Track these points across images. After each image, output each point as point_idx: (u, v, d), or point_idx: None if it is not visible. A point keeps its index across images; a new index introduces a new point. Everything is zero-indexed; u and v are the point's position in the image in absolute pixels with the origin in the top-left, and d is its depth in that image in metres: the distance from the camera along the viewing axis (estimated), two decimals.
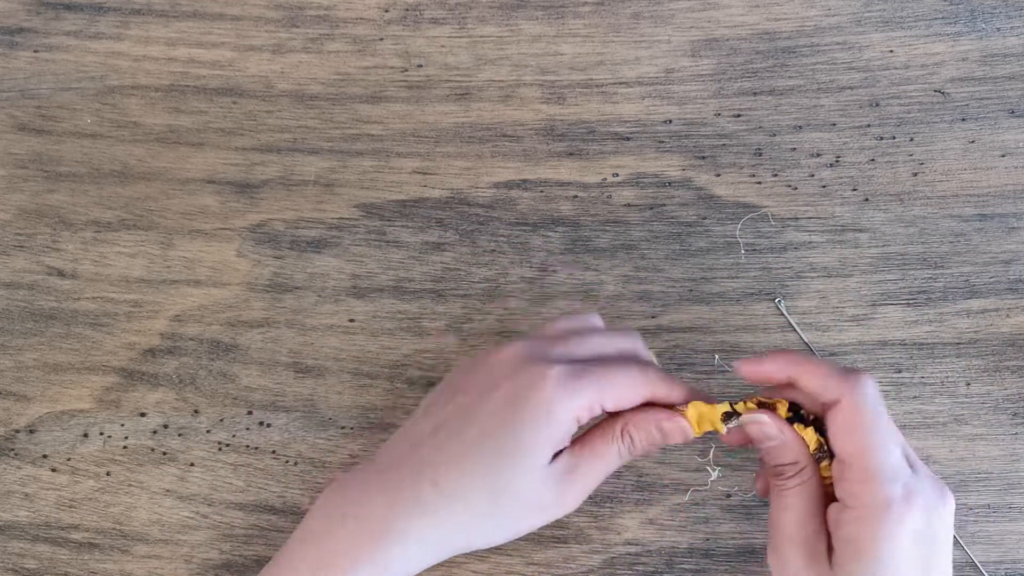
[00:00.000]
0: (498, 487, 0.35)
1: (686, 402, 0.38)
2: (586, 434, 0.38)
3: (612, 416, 0.38)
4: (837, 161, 0.51)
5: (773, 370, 0.37)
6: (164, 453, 0.47)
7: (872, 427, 0.34)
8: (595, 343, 0.39)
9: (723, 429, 0.38)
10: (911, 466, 0.35)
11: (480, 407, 0.36)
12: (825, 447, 0.37)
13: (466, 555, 0.44)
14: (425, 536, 0.35)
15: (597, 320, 0.42)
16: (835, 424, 0.35)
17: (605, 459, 0.37)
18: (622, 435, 0.37)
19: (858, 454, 0.34)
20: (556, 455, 0.37)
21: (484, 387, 0.37)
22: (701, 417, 0.38)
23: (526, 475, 0.35)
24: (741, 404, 0.38)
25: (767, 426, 0.36)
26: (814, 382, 0.36)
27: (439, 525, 0.35)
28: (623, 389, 0.37)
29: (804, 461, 0.36)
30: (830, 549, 0.35)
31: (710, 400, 0.38)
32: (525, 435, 0.35)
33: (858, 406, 0.34)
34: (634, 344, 0.40)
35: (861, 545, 0.33)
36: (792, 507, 0.36)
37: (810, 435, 0.37)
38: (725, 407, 0.38)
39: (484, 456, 0.35)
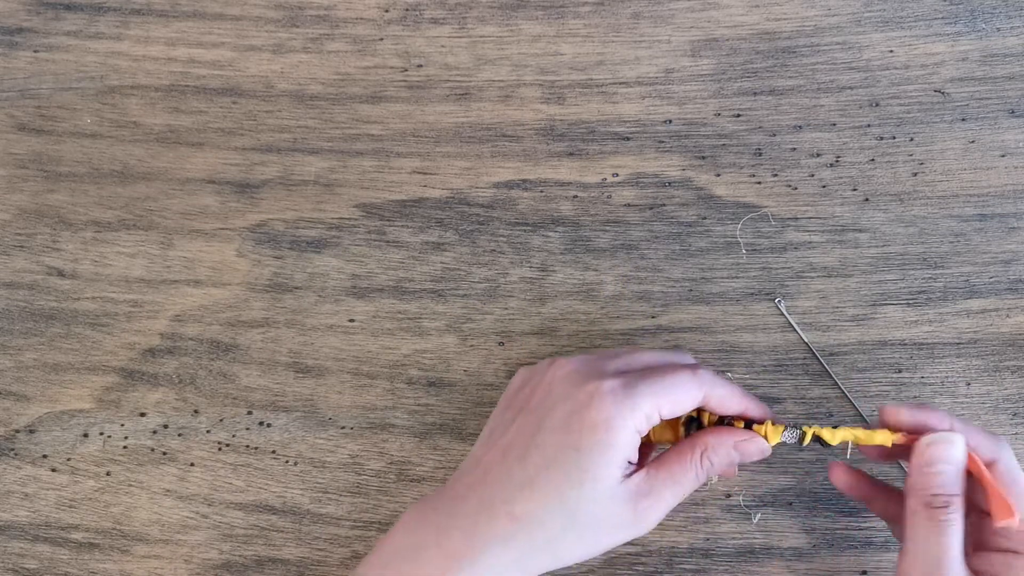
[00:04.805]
0: (571, 509, 0.35)
1: (743, 404, 0.39)
2: (663, 456, 0.38)
3: (690, 439, 0.39)
4: (837, 161, 0.51)
5: (935, 422, 0.37)
6: (164, 453, 0.47)
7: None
8: (647, 357, 0.40)
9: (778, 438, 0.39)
10: None
11: (541, 429, 0.37)
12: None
13: None
14: (505, 562, 0.36)
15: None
16: (996, 479, 0.37)
17: (682, 483, 0.38)
18: (701, 459, 0.38)
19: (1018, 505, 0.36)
20: (631, 473, 0.37)
21: (543, 407, 0.37)
22: (769, 434, 0.39)
23: (597, 496, 0.36)
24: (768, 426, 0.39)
25: (955, 448, 0.36)
26: (973, 441, 0.37)
27: (519, 550, 0.36)
28: (678, 393, 0.37)
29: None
30: None
31: (765, 417, 0.39)
32: (587, 458, 0.35)
33: (1010, 467, 0.37)
34: (684, 357, 0.42)
35: None
36: (957, 534, 0.35)
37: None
38: (780, 429, 0.39)
39: (552, 481, 0.35)
